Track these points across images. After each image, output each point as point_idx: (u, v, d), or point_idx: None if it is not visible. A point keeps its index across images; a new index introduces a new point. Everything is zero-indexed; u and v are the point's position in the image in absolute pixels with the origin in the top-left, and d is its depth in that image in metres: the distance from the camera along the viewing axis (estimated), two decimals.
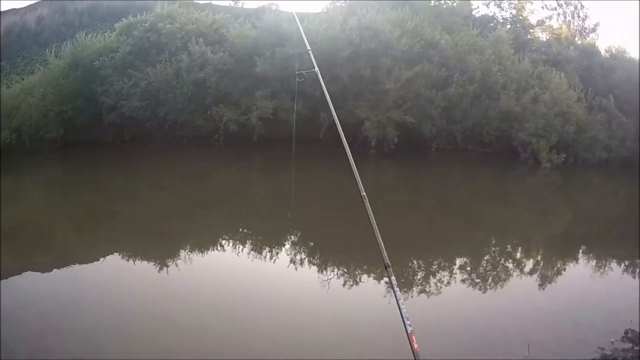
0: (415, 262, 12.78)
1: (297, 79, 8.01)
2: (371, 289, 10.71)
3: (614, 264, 14.53)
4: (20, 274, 11.43)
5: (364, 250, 12.11)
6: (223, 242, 13.57)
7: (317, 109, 22.58)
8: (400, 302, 4.18)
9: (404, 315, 4.09)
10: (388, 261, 4.65)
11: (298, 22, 10.60)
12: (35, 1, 43.22)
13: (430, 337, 8.24)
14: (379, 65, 23.65)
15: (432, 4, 29.34)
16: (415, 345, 3.92)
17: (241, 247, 13.20)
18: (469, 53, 25.84)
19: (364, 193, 5.46)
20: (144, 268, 11.41)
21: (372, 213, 5.14)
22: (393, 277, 4.49)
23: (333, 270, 11.67)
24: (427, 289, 11.01)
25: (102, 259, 12.19)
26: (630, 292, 12.04)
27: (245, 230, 14.63)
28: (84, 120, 26.92)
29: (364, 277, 11.48)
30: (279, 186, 18.98)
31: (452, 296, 10.80)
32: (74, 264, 12.00)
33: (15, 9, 43.00)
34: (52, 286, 10.64)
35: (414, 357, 3.91)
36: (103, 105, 25.88)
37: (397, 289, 4.34)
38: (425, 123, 23.77)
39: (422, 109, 23.66)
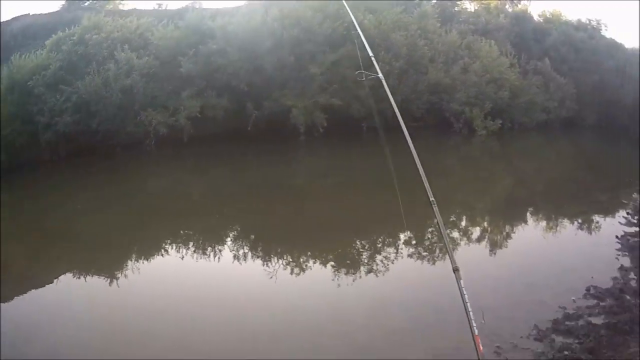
0: (356, 243, 12.88)
1: (358, 79, 7.97)
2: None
3: (566, 223, 14.80)
4: None
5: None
6: (171, 246, 13.21)
7: (242, 101, 22.94)
8: (468, 305, 4.47)
9: (470, 317, 4.38)
10: (457, 265, 4.87)
11: (357, 25, 10.31)
12: None
13: (377, 316, 8.79)
14: (302, 52, 23.82)
15: None
16: (481, 347, 4.23)
17: (187, 249, 12.91)
18: (393, 30, 26.06)
19: (433, 198, 5.52)
20: (97, 283, 11.21)
21: (441, 218, 5.28)
22: (462, 281, 4.71)
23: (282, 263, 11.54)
24: (374, 268, 11.05)
25: (56, 280, 11.79)
26: (587, 249, 12.34)
27: (187, 232, 14.41)
28: (22, 142, 26.56)
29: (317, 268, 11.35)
30: (215, 184, 19.06)
31: (396, 271, 10.86)
32: (30, 288, 11.51)
33: None
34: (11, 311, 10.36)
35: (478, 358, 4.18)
36: (39, 125, 25.84)
37: (465, 293, 4.58)
38: (353, 104, 23.93)
39: (349, 90, 23.79)
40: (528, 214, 15.67)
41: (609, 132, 34.06)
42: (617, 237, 12.50)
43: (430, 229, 13.50)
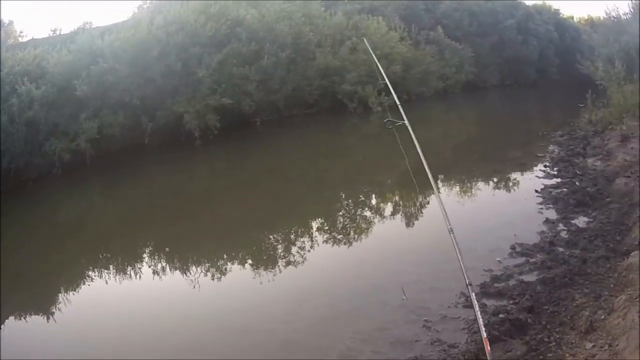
0: (270, 237, 12.81)
1: (386, 126, 7.99)
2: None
3: (481, 185, 15.14)
4: None
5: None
6: (89, 271, 12.31)
7: (137, 115, 23.47)
8: (478, 313, 4.82)
9: (480, 323, 4.73)
10: (470, 281, 5.27)
11: (371, 50, 10.72)
12: None
13: (300, 301, 8.88)
14: (188, 56, 24.34)
15: None
16: (488, 348, 4.57)
17: (104, 272, 12.12)
18: (277, 21, 27.07)
19: (451, 226, 5.94)
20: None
21: (457, 244, 5.71)
22: (473, 294, 5.21)
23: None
24: (292, 259, 11.00)
25: None
26: (508, 208, 12.61)
27: (105, 254, 13.60)
28: None
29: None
30: (123, 202, 18.66)
31: (312, 263, 10.75)
32: None
33: None
34: None
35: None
36: None
37: (476, 302, 5.00)
38: (244, 100, 24.68)
39: (237, 87, 24.61)
40: (439, 181, 15.35)
41: (515, 89, 34.92)
42: (536, 191, 12.76)
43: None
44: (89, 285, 11.40)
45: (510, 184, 14.65)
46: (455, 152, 20.43)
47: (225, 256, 11.83)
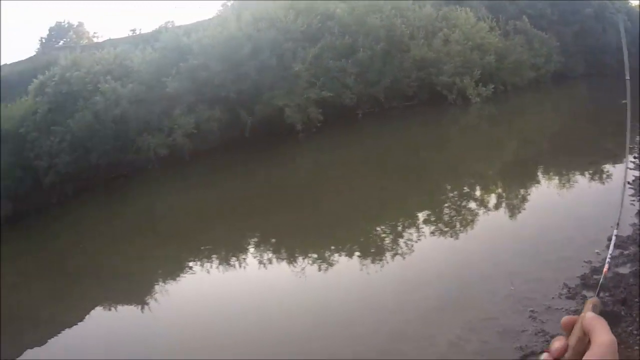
0: (376, 229, 12.73)
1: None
2: None
3: (577, 176, 14.85)
4: None
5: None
6: (205, 261, 12.73)
7: (235, 109, 22.88)
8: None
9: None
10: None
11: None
12: None
13: (408, 292, 8.81)
14: (283, 51, 23.73)
15: None
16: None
17: (219, 261, 12.61)
18: (368, 14, 26.11)
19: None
20: (129, 314, 11.00)
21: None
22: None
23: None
24: (400, 250, 10.87)
25: (84, 318, 11.38)
26: (603, 199, 12.10)
27: (209, 247, 13.85)
28: (25, 189, 26.66)
29: None
30: (227, 195, 18.64)
31: (419, 254, 10.66)
32: (57, 328, 11.19)
33: None
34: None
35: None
36: (39, 169, 25.84)
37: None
38: (343, 93, 23.92)
39: (336, 80, 23.88)
40: (539, 172, 15.66)
41: (600, 79, 34.08)
42: (628, 182, 12.17)
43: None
44: (191, 275, 12.04)
45: (605, 175, 14.21)
46: (552, 142, 19.81)
47: (331, 248, 11.82)
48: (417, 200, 14.77)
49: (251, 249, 12.89)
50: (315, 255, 11.31)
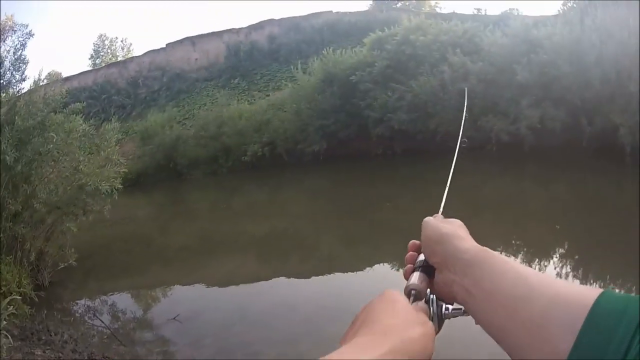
0: None
1: None
2: None
3: None
4: (271, 279, 12.67)
5: None
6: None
7: (576, 115, 22.91)
8: None
9: None
10: None
11: None
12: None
13: None
14: (621, 67, 22.97)
15: None
16: None
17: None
18: None
19: None
20: None
21: None
22: None
23: None
24: None
25: (368, 269, 12.34)
26: None
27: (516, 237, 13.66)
28: (349, 133, 29.08)
29: None
30: (553, 195, 18.26)
31: None
32: (339, 272, 12.59)
33: (234, 29, 46.72)
34: (306, 292, 11.38)
35: None
36: (368, 119, 27.70)
37: None
38: None
39: None
40: None
41: None
42: None
43: None
44: None
45: None
46: None
47: None
48: None
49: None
50: None
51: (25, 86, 16.53)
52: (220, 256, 15.84)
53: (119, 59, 64.67)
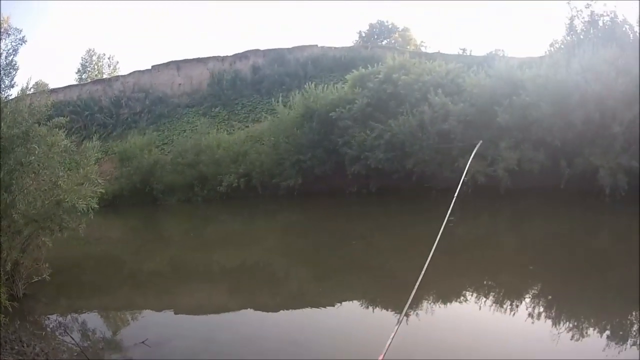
0: None
1: None
2: None
3: None
4: (240, 310, 13.03)
5: None
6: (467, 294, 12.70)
7: (556, 157, 22.91)
8: None
9: None
10: None
11: None
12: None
13: None
14: (605, 108, 22.94)
15: (632, 38, 27.48)
16: None
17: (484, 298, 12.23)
18: None
19: None
20: (382, 316, 11.41)
21: None
22: None
23: None
24: None
25: (337, 305, 12.63)
26: None
27: (489, 283, 13.59)
28: (325, 170, 28.89)
29: None
30: (528, 238, 18.21)
31: None
32: (308, 308, 12.79)
33: (219, 56, 46.47)
34: (275, 326, 11.46)
35: None
36: (345, 157, 27.54)
37: None
38: None
39: None
40: None
41: None
42: None
43: None
44: None
45: None
46: None
47: None
48: None
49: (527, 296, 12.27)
50: None
51: (13, 92, 16.60)
52: (190, 284, 15.69)
53: (105, 76, 64.71)
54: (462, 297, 12.52)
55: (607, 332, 9.62)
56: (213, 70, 45.72)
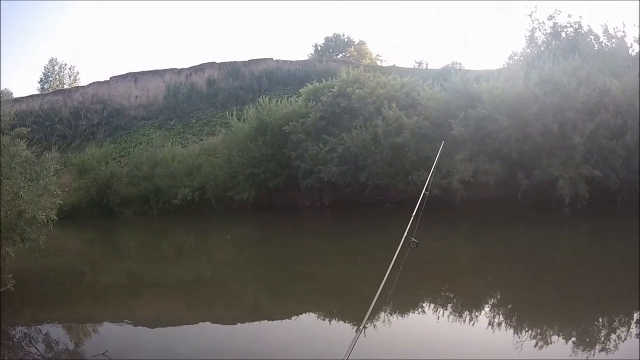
0: None
1: None
2: None
3: None
4: (197, 323, 12.38)
5: None
6: (422, 304, 12.41)
7: (513, 168, 22.60)
8: None
9: None
10: None
11: None
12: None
13: None
14: (564, 119, 22.75)
15: (596, 48, 27.90)
16: None
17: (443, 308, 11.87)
18: (636, 97, 23.95)
19: None
20: (339, 329, 10.93)
21: None
22: None
23: None
24: None
25: (293, 318, 12.42)
26: None
27: (446, 292, 13.23)
28: (278, 183, 27.93)
29: None
30: (487, 249, 17.65)
31: None
32: (265, 321, 12.31)
33: (176, 69, 45.26)
34: (231, 338, 11.16)
35: None
36: (298, 170, 26.63)
37: None
38: (610, 176, 22.30)
39: (606, 161, 22.50)
40: None
41: None
42: None
43: None
44: None
45: None
46: None
47: None
48: None
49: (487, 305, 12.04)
50: None
51: None
52: (147, 297, 15.26)
53: (65, 86, 62.99)
54: (420, 309, 12.14)
55: (573, 339, 9.47)
56: (169, 83, 44.68)
